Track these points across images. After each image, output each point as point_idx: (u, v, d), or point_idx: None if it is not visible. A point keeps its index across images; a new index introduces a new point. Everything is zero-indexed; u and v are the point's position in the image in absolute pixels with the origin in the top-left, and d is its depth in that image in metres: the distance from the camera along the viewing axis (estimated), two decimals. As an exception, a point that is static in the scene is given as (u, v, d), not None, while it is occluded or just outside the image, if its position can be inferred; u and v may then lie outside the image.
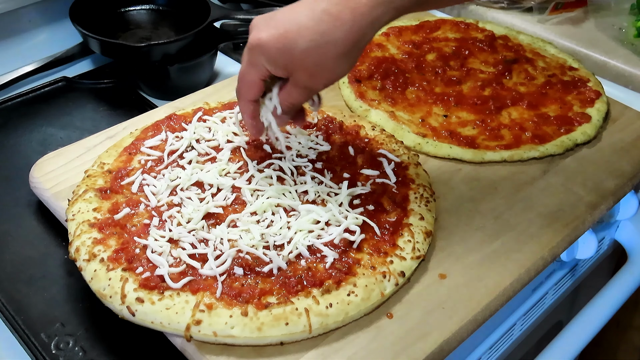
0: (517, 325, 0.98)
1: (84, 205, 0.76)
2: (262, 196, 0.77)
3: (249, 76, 0.71)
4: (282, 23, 0.66)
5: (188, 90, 1.02)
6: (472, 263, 0.75)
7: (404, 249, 0.73)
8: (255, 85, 0.72)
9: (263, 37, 0.66)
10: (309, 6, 0.65)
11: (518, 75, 1.07)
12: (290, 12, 0.66)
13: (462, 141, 0.92)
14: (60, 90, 1.10)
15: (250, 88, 0.72)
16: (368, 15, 0.64)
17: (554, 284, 1.02)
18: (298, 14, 0.65)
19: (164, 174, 0.81)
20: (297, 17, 0.65)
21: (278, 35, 0.65)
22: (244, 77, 0.72)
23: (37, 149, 0.96)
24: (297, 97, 0.72)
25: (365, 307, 0.68)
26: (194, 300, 0.66)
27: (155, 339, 0.67)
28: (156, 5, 1.24)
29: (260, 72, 0.70)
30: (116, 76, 1.13)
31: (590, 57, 1.21)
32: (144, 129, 0.89)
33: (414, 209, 0.79)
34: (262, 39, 0.66)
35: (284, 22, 0.66)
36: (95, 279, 0.68)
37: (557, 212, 0.83)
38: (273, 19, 0.67)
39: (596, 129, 0.96)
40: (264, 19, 0.68)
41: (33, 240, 0.81)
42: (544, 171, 0.90)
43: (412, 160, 0.87)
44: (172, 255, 0.70)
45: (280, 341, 0.65)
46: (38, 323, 0.71)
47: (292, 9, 0.67)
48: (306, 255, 0.71)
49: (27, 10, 1.19)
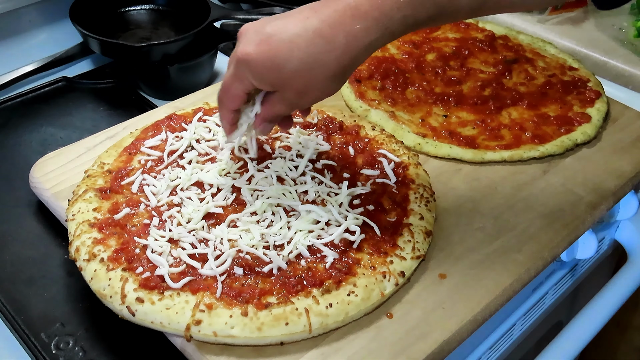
0: (517, 325, 0.98)
1: (84, 205, 0.76)
2: (262, 196, 0.77)
3: (233, 89, 0.69)
4: (272, 39, 0.63)
5: (188, 90, 1.02)
6: (472, 263, 0.75)
7: (404, 249, 0.73)
8: (239, 98, 0.70)
9: (251, 53, 0.64)
10: (301, 24, 0.63)
11: (518, 75, 1.07)
12: (281, 27, 0.63)
13: (462, 141, 0.92)
14: (60, 90, 1.10)
15: (232, 99, 0.70)
16: (362, 39, 0.62)
17: (554, 284, 1.02)
18: (289, 32, 0.63)
19: (164, 174, 0.81)
20: (288, 34, 0.62)
21: (267, 52, 0.63)
22: (228, 89, 0.69)
23: (37, 149, 0.96)
24: (281, 110, 0.70)
25: (365, 307, 0.68)
26: (194, 300, 0.66)
27: (155, 339, 0.67)
28: (156, 5, 1.24)
29: (245, 86, 0.68)
30: (116, 76, 1.13)
31: (590, 57, 1.21)
32: (144, 129, 0.89)
33: (414, 209, 0.79)
34: (250, 54, 0.64)
35: (274, 38, 0.63)
36: (95, 279, 0.68)
37: (557, 212, 0.83)
38: (262, 33, 0.64)
39: (596, 129, 0.96)
40: (253, 29, 0.65)
41: (33, 240, 0.81)
42: (544, 171, 0.90)
43: (412, 160, 0.87)
44: (172, 255, 0.70)
45: (280, 341, 0.65)
46: (38, 323, 0.71)
47: (284, 23, 0.64)
48: (306, 255, 0.71)
49: (27, 10, 1.19)
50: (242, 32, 0.66)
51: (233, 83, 0.68)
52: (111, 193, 0.78)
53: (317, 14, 0.63)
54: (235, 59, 0.66)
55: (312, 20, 0.63)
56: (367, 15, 0.62)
